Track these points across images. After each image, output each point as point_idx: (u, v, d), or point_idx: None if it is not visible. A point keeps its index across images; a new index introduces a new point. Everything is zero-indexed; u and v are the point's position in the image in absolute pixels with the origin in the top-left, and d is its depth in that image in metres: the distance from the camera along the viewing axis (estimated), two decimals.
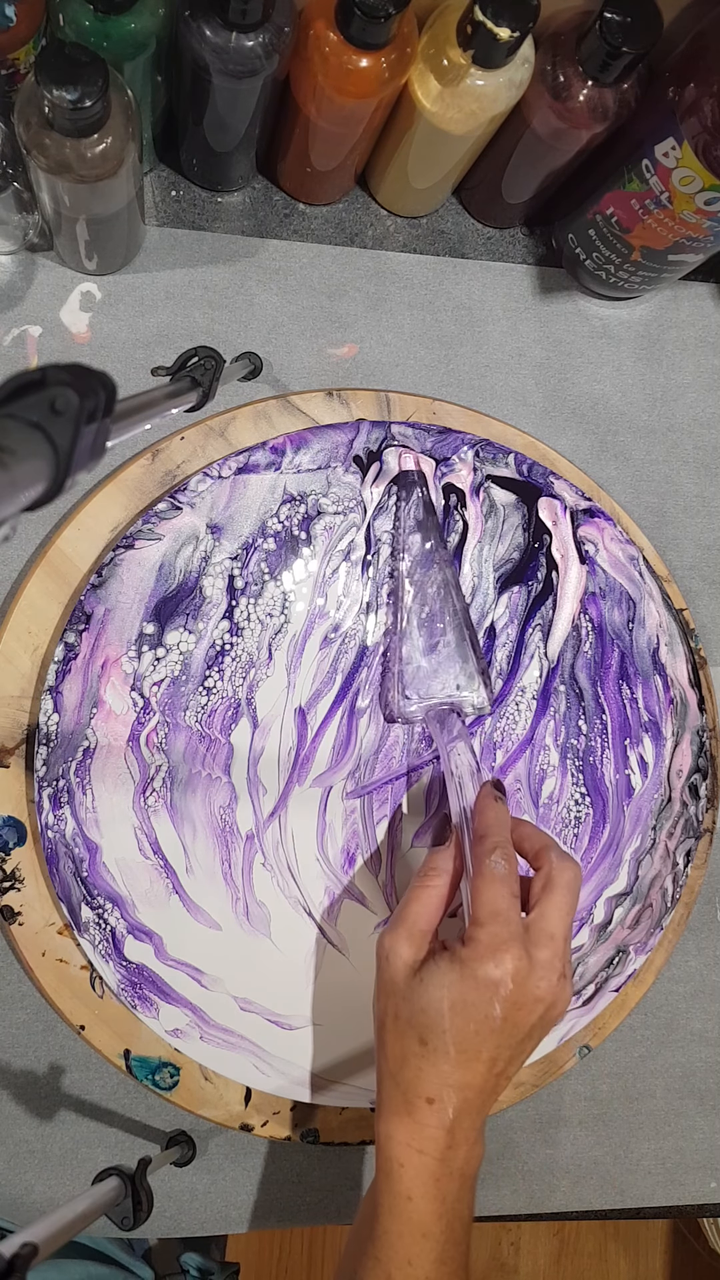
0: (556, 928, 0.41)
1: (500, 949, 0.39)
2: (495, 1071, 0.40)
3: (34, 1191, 0.50)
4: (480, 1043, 0.39)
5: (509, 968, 0.39)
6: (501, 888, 0.41)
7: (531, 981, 0.39)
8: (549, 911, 0.41)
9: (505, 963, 0.39)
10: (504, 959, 0.39)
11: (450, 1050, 0.39)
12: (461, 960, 0.39)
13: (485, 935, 0.40)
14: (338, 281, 0.56)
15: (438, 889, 0.43)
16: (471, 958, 0.39)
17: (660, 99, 0.46)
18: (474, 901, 0.41)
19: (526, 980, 0.39)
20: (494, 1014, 0.39)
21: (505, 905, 0.40)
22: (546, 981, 0.40)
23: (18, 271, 0.52)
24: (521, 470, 0.54)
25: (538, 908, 0.41)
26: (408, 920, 0.42)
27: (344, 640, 0.52)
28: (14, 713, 0.48)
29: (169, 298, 0.53)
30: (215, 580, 0.50)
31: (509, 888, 0.41)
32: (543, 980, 0.40)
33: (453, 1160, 0.39)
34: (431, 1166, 0.39)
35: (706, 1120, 0.59)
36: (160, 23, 0.42)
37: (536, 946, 0.40)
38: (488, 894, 0.40)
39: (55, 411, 0.23)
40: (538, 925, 0.41)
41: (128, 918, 0.48)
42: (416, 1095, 0.39)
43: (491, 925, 0.40)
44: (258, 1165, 0.53)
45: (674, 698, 0.56)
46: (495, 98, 0.45)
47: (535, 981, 0.40)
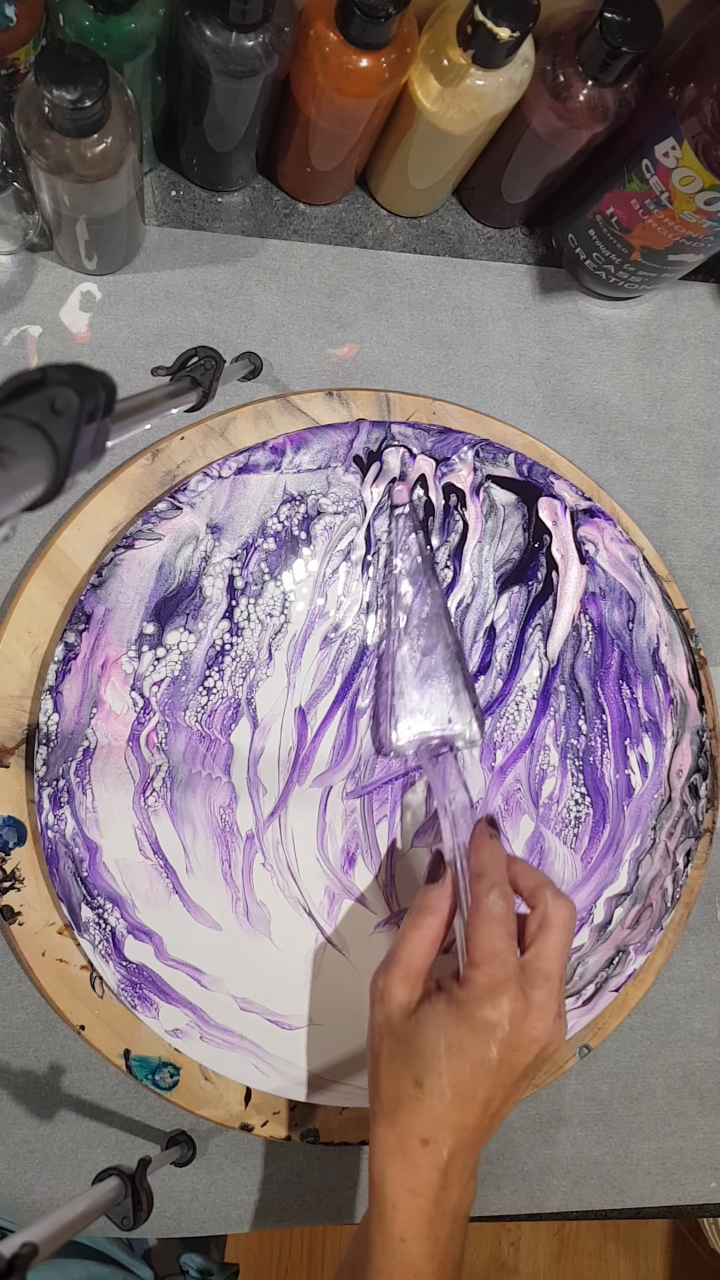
0: (552, 967, 0.41)
1: (497, 991, 0.39)
2: (490, 1112, 0.40)
3: (34, 1191, 0.50)
4: (476, 1084, 0.39)
5: (505, 1010, 0.39)
6: (499, 928, 0.40)
7: (528, 1023, 0.39)
8: (545, 951, 0.41)
9: (502, 1005, 0.39)
10: (501, 1001, 0.39)
11: (446, 1092, 0.39)
12: (458, 1002, 0.39)
13: (482, 977, 0.39)
14: (338, 281, 0.56)
15: (431, 928, 0.43)
16: (468, 999, 0.39)
17: (660, 99, 0.46)
18: (471, 942, 0.41)
19: (523, 1022, 0.39)
20: (490, 1056, 0.39)
21: (502, 946, 0.40)
22: (543, 1023, 0.40)
23: (18, 271, 0.52)
24: (521, 470, 0.54)
25: (533, 947, 0.41)
26: (402, 960, 0.42)
27: (344, 640, 0.52)
28: (14, 713, 0.48)
29: (169, 298, 0.53)
30: (215, 580, 0.50)
31: (506, 928, 0.41)
32: (539, 1021, 0.40)
33: (446, 1201, 0.39)
34: (425, 1208, 0.39)
35: (706, 1120, 0.59)
36: (160, 23, 0.42)
37: (532, 987, 0.40)
38: (485, 934, 0.40)
39: (55, 411, 0.23)
40: (533, 965, 0.41)
41: (128, 918, 0.48)
42: (411, 1136, 0.39)
43: (488, 966, 0.40)
44: (258, 1165, 0.53)
45: (674, 698, 0.56)
46: (495, 98, 0.45)
47: (531, 1023, 0.40)
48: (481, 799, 0.53)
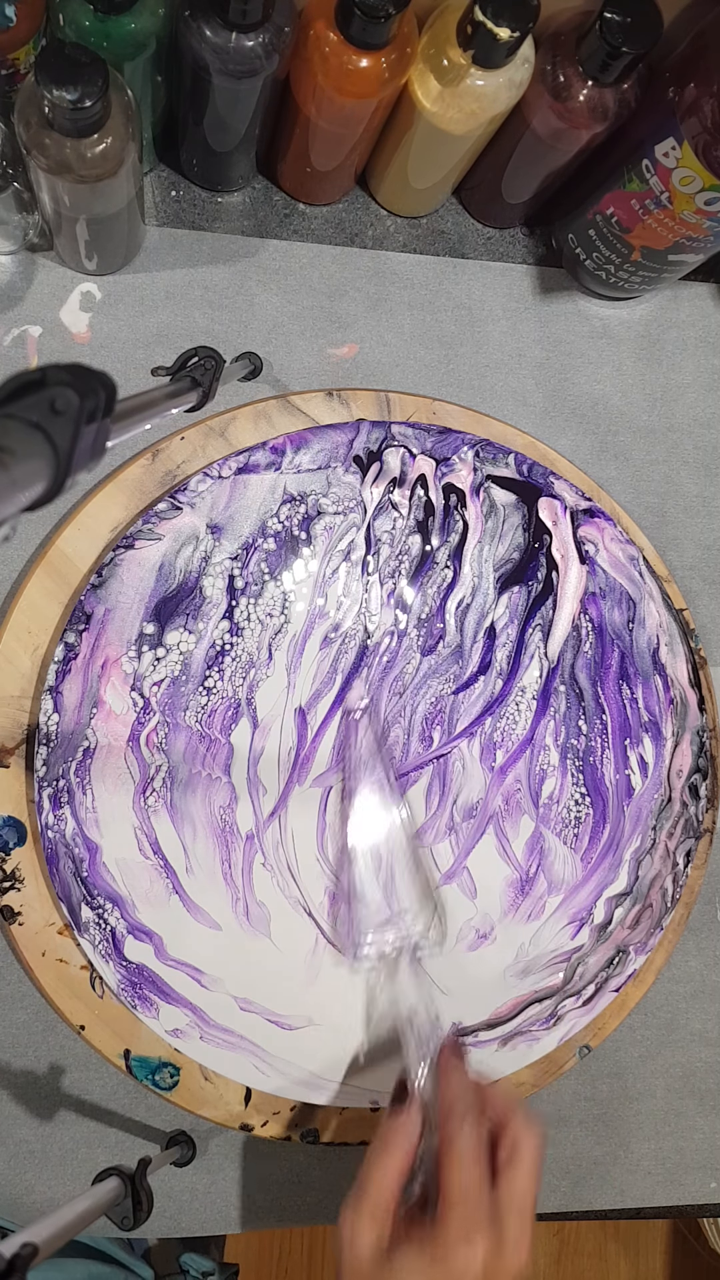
0: (524, 1200, 0.40)
1: (471, 1233, 0.39)
2: None
3: (34, 1191, 0.50)
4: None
5: (479, 1252, 0.38)
6: (472, 1167, 0.40)
7: (502, 1260, 0.39)
8: (516, 1184, 0.40)
9: (477, 1247, 0.38)
10: (476, 1243, 0.39)
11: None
12: (432, 1250, 0.39)
13: (455, 1219, 0.39)
14: (338, 281, 0.56)
15: (396, 1159, 0.42)
16: (442, 1245, 0.39)
17: (660, 99, 0.46)
18: (443, 1181, 0.40)
19: (497, 1261, 0.39)
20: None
21: (475, 1185, 0.40)
22: (517, 1259, 0.39)
23: (18, 271, 0.52)
24: (521, 470, 0.54)
25: (505, 1181, 0.41)
26: (368, 1199, 0.41)
27: (344, 640, 0.52)
28: (14, 713, 0.48)
29: (169, 298, 0.53)
30: (215, 580, 0.50)
31: (478, 1166, 0.40)
32: (513, 1258, 0.39)
33: None
34: None
35: (706, 1120, 0.59)
36: (160, 23, 0.42)
37: (505, 1224, 0.40)
38: (456, 1174, 0.40)
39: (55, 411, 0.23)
40: (505, 1199, 0.40)
41: (128, 918, 0.48)
42: None
43: (461, 1208, 0.39)
44: (258, 1165, 0.53)
45: (674, 698, 0.56)
46: (495, 98, 0.45)
47: (506, 1259, 0.39)
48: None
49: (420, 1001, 0.47)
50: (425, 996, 0.47)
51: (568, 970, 0.54)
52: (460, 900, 0.53)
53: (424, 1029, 0.45)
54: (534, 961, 0.54)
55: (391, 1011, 0.51)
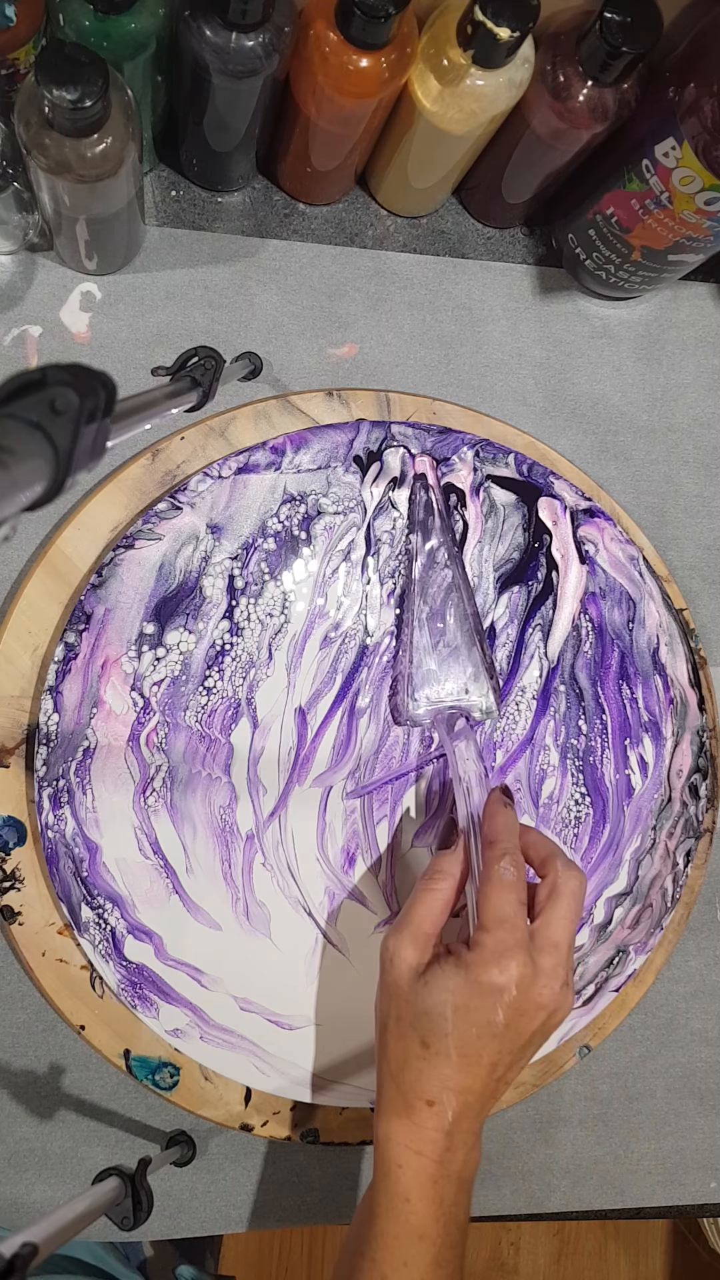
0: (561, 936, 0.41)
1: (505, 955, 0.39)
2: (495, 1076, 0.40)
3: (34, 1191, 0.50)
4: (482, 1047, 0.39)
5: (514, 974, 0.39)
6: (509, 894, 0.41)
7: (535, 988, 0.40)
8: (554, 919, 0.41)
9: (510, 969, 0.39)
10: (509, 965, 0.39)
11: (452, 1054, 0.39)
12: (466, 965, 0.40)
13: (491, 941, 0.40)
14: (338, 281, 0.56)
15: (442, 892, 0.43)
16: (476, 962, 0.39)
17: (660, 99, 0.46)
18: (481, 906, 0.41)
19: (530, 987, 0.40)
20: (497, 1019, 0.39)
21: (512, 912, 0.40)
22: (549, 989, 0.40)
23: (18, 271, 0.52)
24: (521, 470, 0.54)
25: (543, 915, 0.42)
26: (412, 923, 0.42)
27: (344, 640, 0.52)
28: (14, 713, 0.48)
29: (169, 298, 0.53)
30: (215, 580, 0.50)
31: (516, 894, 0.41)
32: (545, 987, 0.40)
33: (451, 1163, 0.40)
34: (429, 1169, 0.39)
35: (706, 1120, 0.59)
36: (160, 23, 0.42)
37: (541, 954, 0.40)
38: (495, 900, 0.41)
39: (55, 411, 0.23)
40: (543, 933, 0.41)
41: (128, 918, 0.48)
42: (417, 1097, 0.40)
43: (498, 931, 0.40)
44: (258, 1165, 0.53)
45: (674, 698, 0.56)
46: (495, 98, 0.45)
47: (539, 988, 0.40)
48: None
49: (473, 757, 0.48)
50: (478, 754, 0.48)
51: None
52: None
53: (475, 782, 0.46)
54: None
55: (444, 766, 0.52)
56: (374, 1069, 0.51)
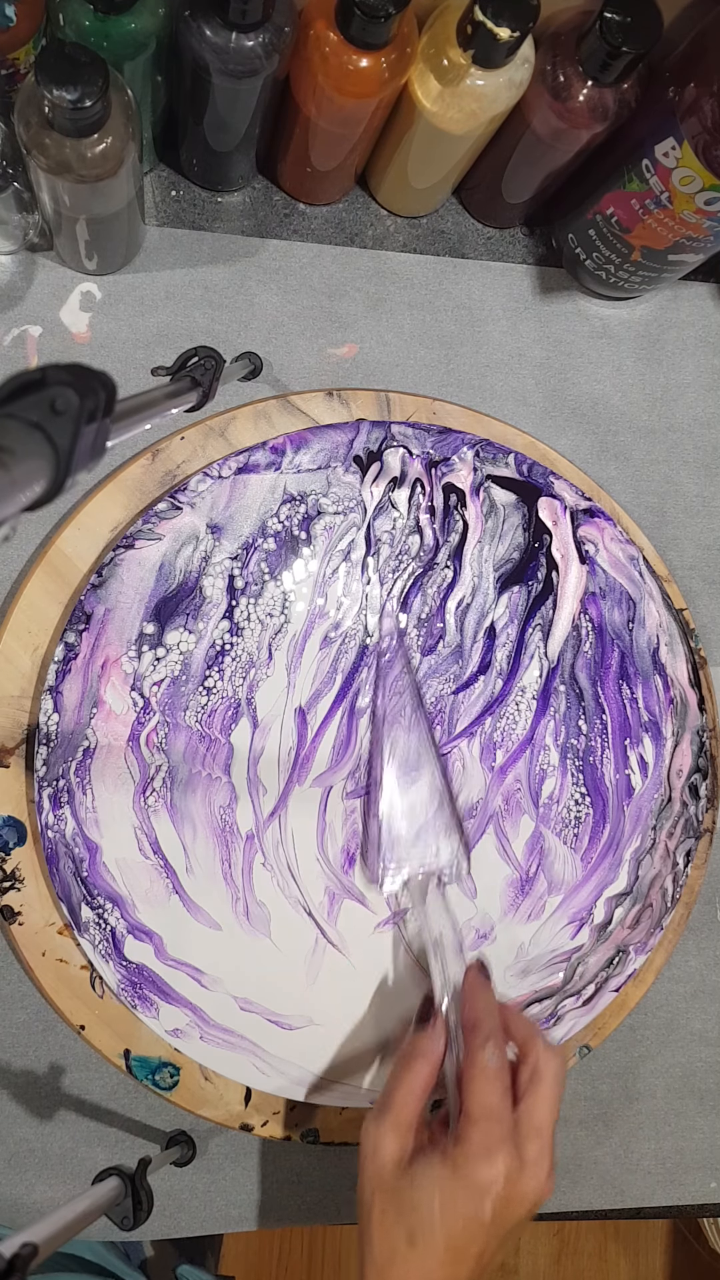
0: (544, 1122, 0.41)
1: (493, 1150, 0.39)
2: (481, 1265, 0.40)
3: (34, 1191, 0.50)
4: (469, 1240, 0.39)
5: (500, 1169, 0.39)
6: (495, 1084, 0.40)
7: (522, 1180, 0.39)
8: (537, 1105, 0.41)
9: (497, 1163, 0.39)
10: (496, 1159, 0.39)
11: (439, 1249, 0.39)
12: (453, 1161, 0.39)
13: (478, 1134, 0.39)
14: (338, 281, 0.56)
15: (422, 1075, 0.42)
16: (463, 1158, 0.39)
17: (660, 99, 0.46)
18: (466, 1096, 0.41)
19: (518, 1179, 0.39)
20: (484, 1212, 0.39)
21: (497, 1102, 0.40)
22: (535, 1180, 0.40)
23: (18, 271, 0.52)
24: (521, 470, 0.54)
25: (525, 1101, 0.41)
26: (392, 1111, 0.42)
27: (344, 640, 0.52)
28: (14, 713, 0.48)
29: (169, 298, 0.53)
30: (215, 580, 0.50)
31: (501, 1083, 0.41)
32: (532, 1179, 0.40)
33: None
34: None
35: (706, 1120, 0.59)
36: (160, 23, 0.42)
37: (526, 1142, 0.40)
38: (480, 1091, 0.40)
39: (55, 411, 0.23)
40: (526, 1120, 0.41)
41: (128, 918, 0.48)
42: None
43: (484, 1124, 0.40)
44: (258, 1165, 0.53)
45: (674, 698, 0.56)
46: (495, 98, 0.45)
47: (525, 1180, 0.39)
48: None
49: (447, 925, 0.47)
50: (451, 921, 0.48)
51: (567, 970, 0.54)
52: (460, 900, 0.53)
53: (450, 952, 0.46)
54: (534, 961, 0.54)
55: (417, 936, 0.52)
56: (373, 1069, 0.51)
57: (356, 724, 0.52)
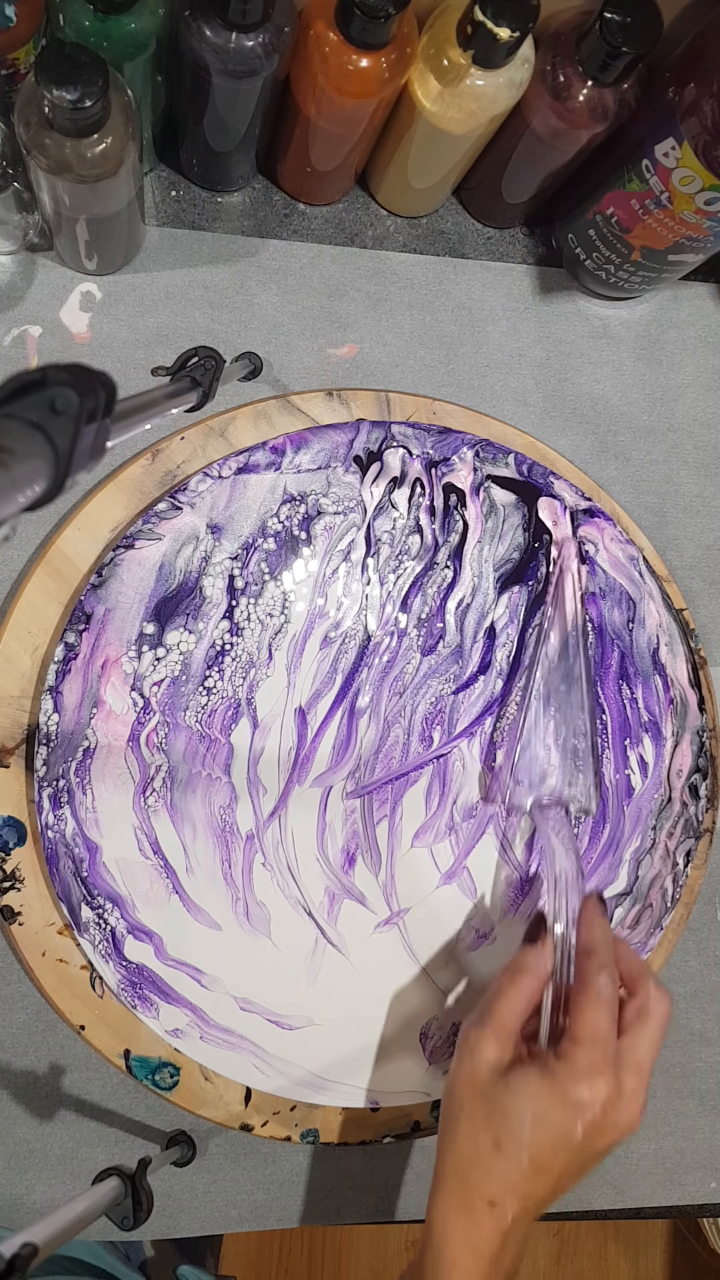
0: (645, 1059, 0.41)
1: (595, 1073, 0.39)
2: (559, 1185, 0.40)
3: (34, 1192, 0.50)
4: (554, 1159, 0.39)
5: (600, 1094, 0.39)
6: (605, 1010, 0.41)
7: (617, 1110, 0.40)
8: (641, 1041, 0.41)
9: (598, 1087, 0.39)
10: (597, 1084, 0.39)
11: (524, 1160, 0.39)
12: (554, 1075, 0.40)
13: (583, 1056, 0.40)
14: (338, 281, 0.56)
15: (527, 989, 0.43)
16: (565, 1076, 0.39)
17: (660, 99, 0.46)
18: (574, 1018, 0.41)
19: (613, 1108, 0.40)
20: (575, 1134, 0.39)
21: (605, 1029, 0.40)
22: (629, 1112, 0.40)
23: (18, 271, 0.52)
24: (521, 470, 0.54)
25: (630, 1035, 0.41)
26: (496, 1019, 0.42)
27: (344, 640, 0.52)
28: (14, 713, 0.48)
29: (169, 298, 0.53)
30: (215, 580, 0.50)
31: (611, 1011, 0.41)
32: (626, 1110, 0.40)
33: (501, 1263, 0.39)
34: (483, 1269, 0.39)
35: (706, 1120, 0.59)
36: (160, 23, 0.42)
37: (626, 1074, 0.40)
38: (591, 1014, 0.41)
39: (55, 411, 0.23)
40: (629, 1053, 0.41)
41: (128, 918, 0.48)
42: (479, 1196, 0.39)
43: (590, 1047, 0.40)
44: (258, 1165, 0.53)
45: (674, 698, 0.56)
46: (495, 98, 0.45)
47: (620, 1110, 0.40)
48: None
49: (570, 852, 0.47)
50: (575, 849, 0.48)
51: None
52: (460, 900, 0.53)
53: (571, 878, 0.46)
54: None
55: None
56: (373, 1069, 0.51)
57: (356, 724, 0.52)
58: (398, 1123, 0.52)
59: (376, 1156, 0.54)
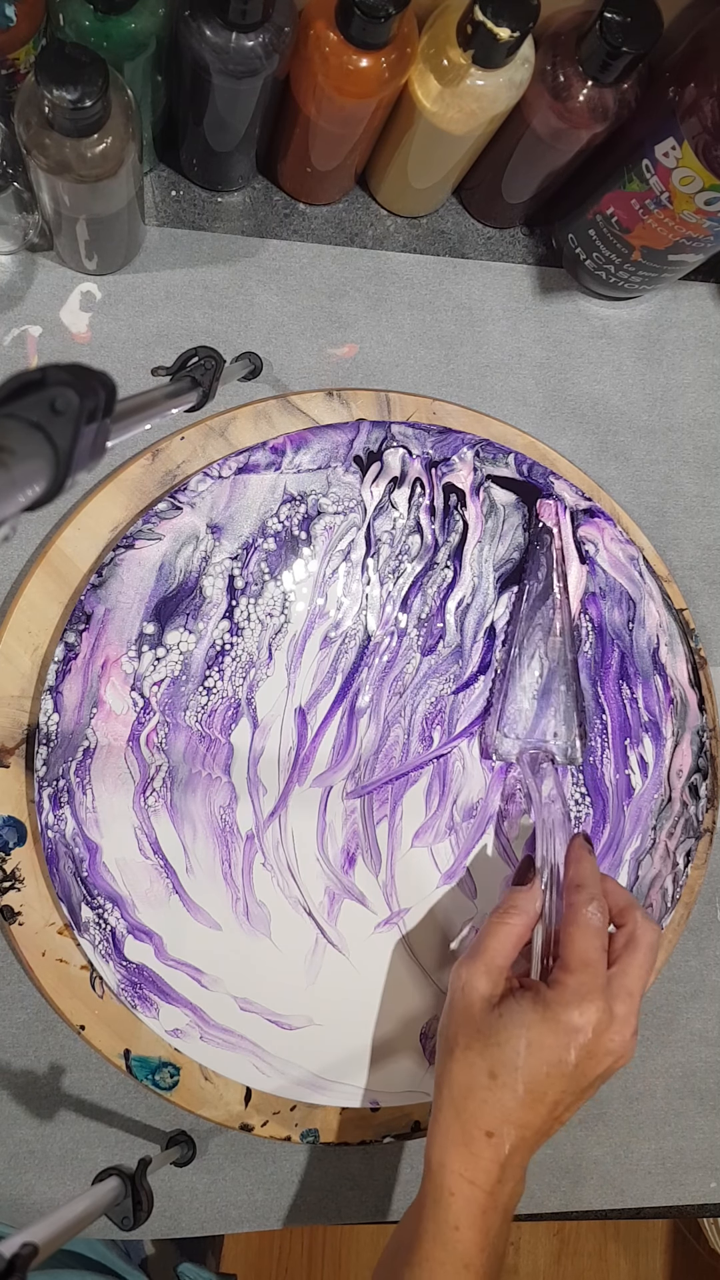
0: (635, 985, 0.42)
1: (586, 998, 0.40)
2: (555, 1115, 0.40)
3: (34, 1192, 0.50)
4: (549, 1085, 0.40)
5: (591, 1018, 0.40)
6: (595, 939, 0.41)
7: (609, 1034, 0.40)
8: (631, 969, 0.42)
9: (589, 1012, 0.40)
10: (588, 1008, 0.40)
11: (519, 1088, 0.40)
12: (546, 1002, 0.40)
13: (574, 982, 0.40)
14: (338, 281, 0.56)
15: (517, 927, 0.44)
16: (557, 1002, 0.40)
17: (660, 99, 0.46)
18: (565, 947, 0.42)
19: (604, 1032, 0.40)
20: (568, 1059, 0.40)
21: (596, 956, 0.41)
22: (621, 1036, 0.41)
23: (18, 271, 0.52)
24: (521, 470, 0.54)
25: (620, 963, 0.42)
26: (486, 954, 0.43)
27: (344, 640, 0.52)
28: (14, 713, 0.48)
29: (169, 298, 0.53)
30: (215, 580, 0.50)
31: (601, 939, 0.42)
32: (618, 1034, 0.41)
33: (500, 1194, 0.40)
34: (481, 1199, 0.40)
35: (706, 1120, 0.59)
36: (160, 23, 0.42)
37: (617, 1000, 0.41)
38: (581, 942, 0.41)
39: (55, 411, 0.23)
40: (619, 980, 0.41)
41: (128, 918, 0.48)
42: (477, 1127, 0.40)
43: (581, 973, 0.40)
44: (258, 1165, 0.53)
45: (674, 698, 0.56)
46: (495, 98, 0.45)
47: (612, 1034, 0.40)
48: None
49: (557, 799, 0.48)
50: (561, 795, 0.49)
51: None
52: (460, 900, 0.53)
53: (558, 822, 0.47)
54: None
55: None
56: (373, 1069, 0.51)
57: (356, 724, 0.52)
58: (398, 1123, 0.52)
59: (376, 1156, 0.54)
